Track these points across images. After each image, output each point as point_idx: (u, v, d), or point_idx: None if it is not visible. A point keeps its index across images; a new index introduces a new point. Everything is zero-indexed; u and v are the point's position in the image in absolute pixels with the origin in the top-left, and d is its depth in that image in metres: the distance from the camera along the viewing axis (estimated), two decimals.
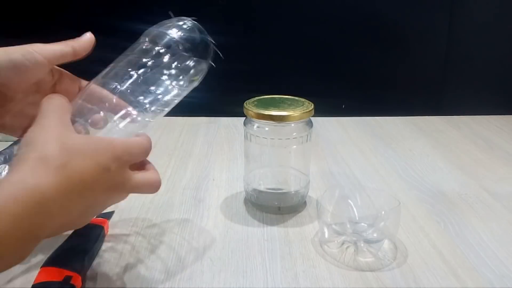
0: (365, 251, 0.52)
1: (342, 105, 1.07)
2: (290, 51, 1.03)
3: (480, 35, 1.04)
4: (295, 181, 0.64)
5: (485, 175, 0.75)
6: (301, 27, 1.02)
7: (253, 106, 0.59)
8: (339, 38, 1.03)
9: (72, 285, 0.43)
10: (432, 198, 0.67)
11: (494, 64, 1.07)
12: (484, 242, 0.56)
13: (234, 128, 0.96)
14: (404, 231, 0.57)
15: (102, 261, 0.51)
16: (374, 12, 1.01)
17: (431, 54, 1.06)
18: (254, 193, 0.63)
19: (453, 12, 1.02)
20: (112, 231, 0.57)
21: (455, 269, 0.50)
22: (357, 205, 0.56)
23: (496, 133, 0.95)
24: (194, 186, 0.70)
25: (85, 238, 0.50)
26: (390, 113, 1.06)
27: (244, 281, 0.48)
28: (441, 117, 1.05)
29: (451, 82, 1.08)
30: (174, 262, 0.51)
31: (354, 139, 0.92)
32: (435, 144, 0.89)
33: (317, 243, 0.55)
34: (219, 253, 0.53)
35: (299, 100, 0.61)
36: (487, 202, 0.66)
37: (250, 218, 0.61)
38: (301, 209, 0.63)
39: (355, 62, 1.05)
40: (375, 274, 0.49)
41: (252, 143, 0.61)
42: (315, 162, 0.77)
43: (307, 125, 0.60)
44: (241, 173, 0.64)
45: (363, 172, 0.76)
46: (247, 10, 1.00)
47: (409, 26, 1.03)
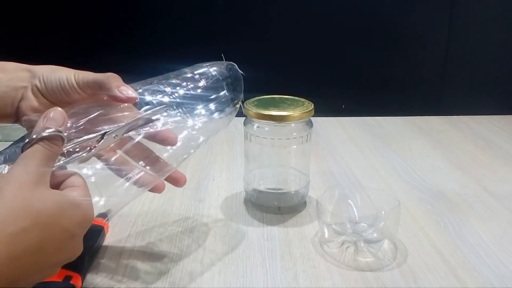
0: (365, 251, 0.52)
1: (342, 105, 1.07)
2: (290, 51, 1.03)
3: (480, 35, 1.04)
4: (295, 181, 0.64)
5: (485, 175, 0.75)
6: (301, 27, 1.02)
7: (253, 106, 0.59)
8: (339, 38, 1.03)
9: (72, 285, 0.43)
10: (432, 198, 0.67)
11: (494, 64, 1.06)
12: (484, 242, 0.56)
13: (234, 128, 0.96)
14: (404, 231, 0.57)
15: (102, 261, 0.51)
16: (374, 12, 1.01)
17: (431, 54, 1.06)
18: (254, 193, 0.63)
19: (453, 12, 1.02)
20: (112, 231, 0.57)
21: (455, 269, 0.50)
22: (357, 205, 0.56)
23: (496, 133, 0.95)
24: (194, 186, 0.70)
25: (85, 238, 0.50)
26: (390, 113, 1.06)
27: (244, 281, 0.48)
28: (441, 117, 1.05)
29: (451, 82, 1.08)
30: (174, 262, 0.51)
31: (354, 139, 0.92)
32: (435, 144, 0.89)
33: (317, 243, 0.55)
34: (219, 253, 0.53)
35: (299, 100, 0.61)
36: (487, 202, 0.66)
37: (250, 218, 0.61)
38: (301, 209, 0.63)
39: (355, 62, 1.05)
40: (375, 274, 0.49)
41: (252, 143, 0.61)
42: (315, 162, 0.77)
43: (307, 125, 0.60)
44: (241, 173, 0.64)
45: (363, 172, 0.76)
46: (247, 10, 1.00)
47: (409, 26, 1.03)
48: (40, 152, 0.35)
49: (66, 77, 0.45)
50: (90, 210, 0.37)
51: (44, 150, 0.36)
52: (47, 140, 0.36)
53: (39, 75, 0.45)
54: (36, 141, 0.36)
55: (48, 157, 0.36)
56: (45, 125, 0.37)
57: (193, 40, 1.00)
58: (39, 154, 0.35)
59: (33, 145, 0.35)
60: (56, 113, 0.38)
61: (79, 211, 0.36)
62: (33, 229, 0.32)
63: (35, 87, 0.45)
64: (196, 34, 0.99)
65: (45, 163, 0.35)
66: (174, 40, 1.00)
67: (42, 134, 0.36)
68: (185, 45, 1.00)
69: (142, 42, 1.01)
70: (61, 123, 0.38)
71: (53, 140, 0.36)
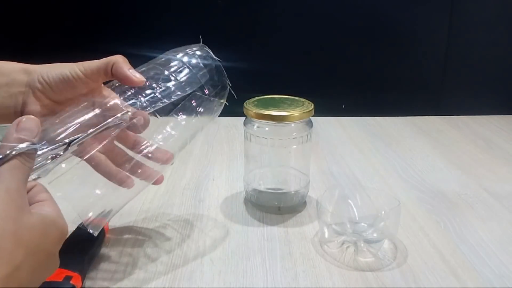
0: (365, 251, 0.52)
1: (342, 105, 1.07)
2: (290, 51, 1.03)
3: (480, 35, 1.04)
4: (295, 181, 0.64)
5: (485, 175, 0.75)
6: (301, 27, 1.02)
7: (253, 106, 0.59)
8: (339, 38, 1.03)
9: (72, 285, 0.43)
10: (432, 198, 0.67)
11: (494, 64, 1.06)
12: (484, 242, 0.56)
13: (234, 128, 0.96)
14: (404, 231, 0.57)
15: (102, 261, 0.51)
16: (374, 12, 1.01)
17: (431, 54, 1.06)
18: (254, 193, 0.63)
19: (453, 12, 1.02)
20: (112, 231, 0.57)
21: (455, 269, 0.50)
22: (357, 205, 0.56)
23: (496, 133, 0.95)
24: (194, 186, 0.70)
25: (85, 238, 0.50)
26: (390, 113, 1.06)
27: (244, 281, 0.48)
28: (441, 117, 1.05)
29: (451, 82, 1.08)
30: (174, 262, 0.51)
31: (354, 139, 0.92)
32: (435, 144, 0.89)
33: (317, 243, 0.55)
34: (219, 253, 0.53)
35: (299, 100, 0.61)
36: (487, 202, 0.66)
37: (250, 218, 0.61)
38: (301, 209, 0.63)
39: (355, 62, 1.05)
40: (375, 274, 0.49)
41: (252, 143, 0.61)
42: (315, 162, 0.77)
43: (307, 125, 0.60)
44: (241, 173, 0.64)
45: (363, 172, 0.76)
46: (247, 10, 1.00)
47: (409, 26, 1.03)
48: (18, 170, 0.32)
49: (69, 71, 0.44)
50: (65, 225, 0.35)
51: (22, 167, 0.33)
52: (24, 155, 0.33)
53: (38, 76, 0.44)
54: (13, 157, 0.32)
55: (26, 174, 0.33)
56: (19, 135, 0.33)
57: (192, 40, 1.00)
58: (17, 172, 0.32)
59: (10, 161, 0.32)
60: (29, 122, 0.34)
61: (57, 230, 0.34)
62: (24, 265, 0.30)
63: (37, 90, 0.44)
64: (195, 33, 0.99)
65: (24, 182, 0.33)
66: (172, 39, 1.00)
67: (20, 148, 0.33)
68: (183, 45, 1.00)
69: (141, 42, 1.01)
70: (35, 133, 0.34)
71: (29, 154, 0.33)
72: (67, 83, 0.44)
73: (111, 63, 0.45)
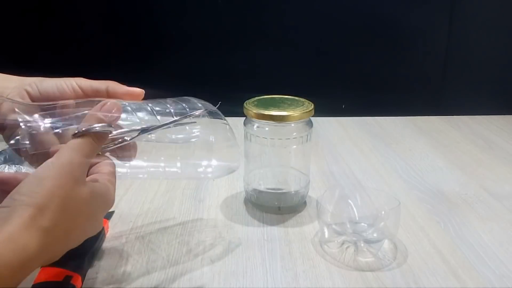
0: (365, 251, 0.52)
1: (342, 105, 1.07)
2: (290, 51, 1.03)
3: (480, 35, 1.04)
4: (295, 181, 0.64)
5: (485, 175, 0.75)
6: (301, 27, 1.02)
7: (253, 106, 0.59)
8: (339, 38, 1.03)
9: (72, 285, 0.43)
10: (432, 198, 0.67)
11: (494, 64, 1.06)
12: (484, 242, 0.56)
13: (234, 128, 0.96)
14: (404, 231, 0.57)
15: (102, 261, 0.51)
16: (374, 12, 1.01)
17: (431, 54, 1.06)
18: (254, 193, 0.63)
19: (453, 12, 1.02)
20: (112, 231, 0.57)
21: (455, 269, 0.50)
22: (357, 205, 0.56)
23: (496, 133, 0.95)
24: (194, 186, 0.70)
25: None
26: (390, 113, 1.06)
27: (244, 281, 0.48)
28: (441, 117, 1.05)
29: (451, 82, 1.08)
30: (174, 262, 0.51)
31: (354, 139, 0.92)
32: (435, 144, 0.89)
33: (317, 243, 0.55)
34: (219, 253, 0.53)
35: (299, 100, 0.61)
36: (487, 202, 0.66)
37: (250, 218, 0.61)
38: (301, 209, 0.63)
39: (355, 62, 1.05)
40: (375, 274, 0.49)
41: (252, 143, 0.61)
42: (315, 162, 0.77)
43: (307, 125, 0.60)
44: (241, 173, 0.64)
45: (363, 172, 0.76)
46: (247, 10, 1.00)
47: (409, 26, 1.03)
48: (87, 146, 0.36)
49: (64, 81, 0.45)
50: (111, 199, 0.39)
51: (92, 144, 0.37)
52: (98, 133, 0.37)
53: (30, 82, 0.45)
54: (87, 133, 0.37)
55: (93, 151, 0.37)
56: (100, 116, 0.38)
57: (192, 40, 1.00)
58: (86, 147, 0.36)
59: (84, 136, 0.36)
60: (111, 105, 0.39)
61: (102, 201, 0.38)
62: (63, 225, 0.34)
63: (24, 91, 0.44)
64: (195, 34, 0.99)
65: (89, 157, 0.37)
66: (172, 40, 1.00)
67: (96, 128, 0.37)
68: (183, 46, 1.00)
69: (140, 42, 1.01)
70: (114, 118, 0.39)
71: (102, 134, 0.38)
72: (58, 89, 0.45)
73: (107, 83, 0.46)
